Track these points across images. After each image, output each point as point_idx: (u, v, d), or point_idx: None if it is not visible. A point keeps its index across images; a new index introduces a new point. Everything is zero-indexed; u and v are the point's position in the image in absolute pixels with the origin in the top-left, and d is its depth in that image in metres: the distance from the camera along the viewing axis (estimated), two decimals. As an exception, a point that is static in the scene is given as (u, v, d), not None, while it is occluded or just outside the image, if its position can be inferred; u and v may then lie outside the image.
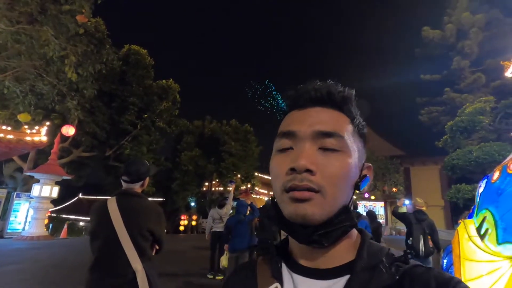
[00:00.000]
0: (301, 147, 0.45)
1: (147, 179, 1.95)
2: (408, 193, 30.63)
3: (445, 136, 7.67)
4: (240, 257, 4.97)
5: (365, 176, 0.49)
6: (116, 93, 15.72)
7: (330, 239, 0.44)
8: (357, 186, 0.47)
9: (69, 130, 9.82)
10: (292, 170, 0.43)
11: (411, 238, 4.65)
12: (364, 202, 31.63)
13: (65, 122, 11.45)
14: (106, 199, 1.76)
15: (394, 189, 27.25)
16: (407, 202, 5.56)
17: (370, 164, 0.52)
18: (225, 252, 5.16)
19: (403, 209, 5.15)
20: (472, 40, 17.77)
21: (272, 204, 0.50)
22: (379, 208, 31.60)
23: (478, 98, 15.90)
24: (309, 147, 0.45)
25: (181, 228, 23.55)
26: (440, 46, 18.96)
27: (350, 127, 0.48)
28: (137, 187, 1.87)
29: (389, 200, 31.30)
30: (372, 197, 28.37)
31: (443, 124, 19.26)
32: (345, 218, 0.44)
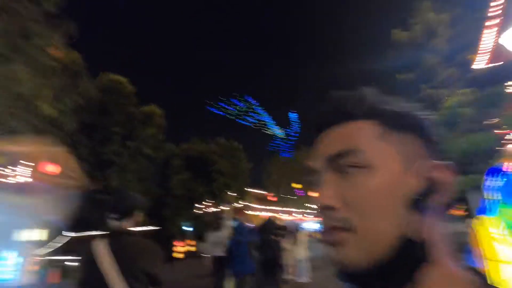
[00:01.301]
0: (319, 182, 0.36)
1: (139, 213, 1.77)
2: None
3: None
4: (243, 281, 4.73)
5: (432, 183, 0.33)
6: (98, 124, 15.36)
7: None
8: (417, 203, 0.32)
9: (52, 168, 9.40)
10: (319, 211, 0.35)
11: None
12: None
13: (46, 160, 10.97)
14: (92, 242, 1.57)
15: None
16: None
17: (447, 163, 0.35)
18: (228, 277, 4.91)
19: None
20: (440, 37, 18.66)
21: None
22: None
23: (453, 92, 16.52)
24: (326, 178, 0.35)
25: (180, 255, 22.68)
26: (411, 46, 19.79)
27: (375, 131, 0.35)
28: (127, 224, 1.69)
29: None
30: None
31: (425, 121, 19.81)
32: (406, 255, 0.31)
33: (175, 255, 22.43)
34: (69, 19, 8.42)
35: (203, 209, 24.47)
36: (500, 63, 13.26)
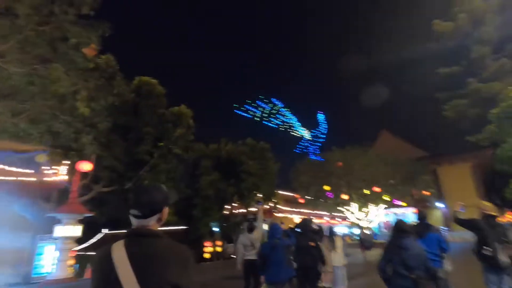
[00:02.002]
0: None
1: (166, 209, 1.43)
2: (440, 196, 28.74)
3: (490, 125, 6.82)
4: (280, 289, 4.30)
5: None
6: (131, 125, 15.79)
7: None
8: None
9: (84, 166, 9.67)
10: None
11: (487, 248, 3.85)
12: (395, 210, 29.87)
13: (83, 159, 11.37)
14: (111, 245, 1.25)
15: (425, 192, 25.55)
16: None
17: None
18: (262, 285, 4.51)
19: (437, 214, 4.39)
20: (489, 26, 16.92)
21: None
22: (410, 215, 29.71)
23: (507, 85, 14.83)
24: None
25: (207, 255, 22.75)
26: (455, 38, 18.18)
27: None
28: (152, 223, 1.36)
29: (421, 205, 29.40)
30: (403, 204, 26.74)
31: (471, 118, 18.10)
32: None
33: (206, 255, 22.55)
34: (104, 21, 8.57)
35: (231, 210, 24.38)
36: None
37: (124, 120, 15.10)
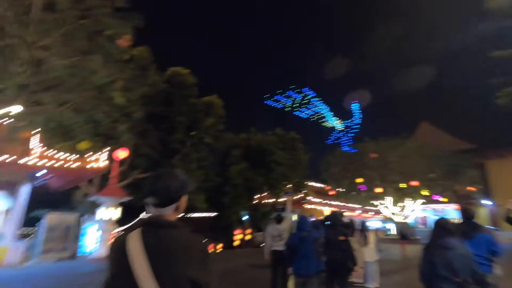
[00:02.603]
0: None
1: (185, 198, 1.35)
2: (487, 192, 26.33)
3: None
4: (307, 282, 4.18)
5: None
6: (164, 114, 16.33)
7: None
8: None
9: (120, 154, 10.21)
10: None
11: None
12: (434, 206, 28.04)
13: (120, 147, 12.01)
14: (126, 234, 1.20)
15: (470, 188, 23.56)
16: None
17: None
18: (290, 277, 4.42)
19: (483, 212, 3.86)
20: (557, 0, 14.70)
21: None
22: (451, 211, 27.69)
23: None
24: None
25: (237, 242, 23.29)
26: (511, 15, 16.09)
27: None
28: (169, 213, 1.28)
29: (465, 202, 27.22)
30: (444, 199, 24.96)
31: (529, 106, 16.08)
32: None
33: (235, 243, 23.13)
34: (138, 12, 8.77)
35: (261, 199, 24.55)
36: None
37: (157, 109, 15.65)
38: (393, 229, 27.71)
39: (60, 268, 10.00)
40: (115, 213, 12.28)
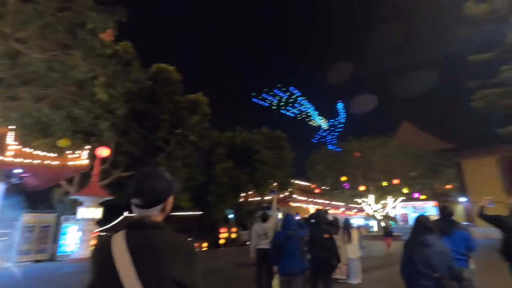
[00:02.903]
0: None
1: (171, 199, 1.33)
2: (463, 190, 27.54)
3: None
4: (292, 281, 4.22)
5: None
6: (148, 111, 16.00)
7: None
8: None
9: (102, 152, 9.91)
10: None
11: (514, 247, 3.58)
12: (413, 203, 29.06)
13: (102, 144, 11.68)
14: (111, 235, 1.17)
15: (447, 186, 24.54)
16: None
17: None
18: (275, 275, 4.44)
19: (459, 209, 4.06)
20: (529, 9, 15.55)
21: None
22: (430, 208, 28.80)
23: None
24: None
25: (222, 241, 23.23)
26: (489, 22, 16.86)
27: None
28: (155, 214, 1.26)
29: (442, 199, 28.36)
30: (423, 197, 25.92)
31: (502, 109, 16.95)
32: None
33: (220, 241, 23.07)
34: (122, 6, 8.52)
35: (246, 198, 24.58)
36: None
37: (141, 106, 15.32)
38: (375, 226, 28.48)
39: (38, 269, 9.63)
40: (96, 212, 11.91)
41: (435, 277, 2.79)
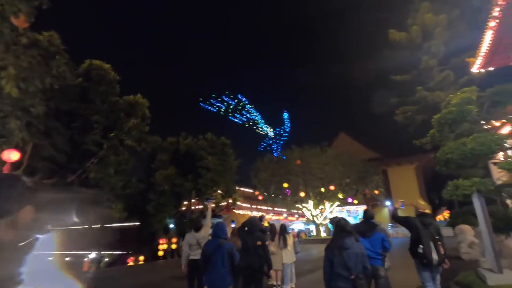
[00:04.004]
0: None
1: (26, 210, 1.06)
2: (388, 195, 30.97)
3: (432, 130, 7.29)
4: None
5: None
6: (77, 111, 14.29)
7: None
8: None
9: (11, 155, 8.44)
10: None
11: (421, 246, 3.98)
12: (347, 207, 31.51)
13: (13, 147, 9.98)
14: None
15: (376, 191, 27.19)
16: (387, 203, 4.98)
17: None
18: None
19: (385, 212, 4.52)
20: (438, 39, 18.40)
21: None
22: (362, 212, 31.53)
23: (449, 95, 16.25)
24: None
25: (160, 253, 21.82)
26: (407, 47, 19.47)
27: None
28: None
29: (371, 203, 31.41)
30: (355, 201, 28.24)
31: (418, 123, 19.60)
32: None
33: (159, 253, 21.61)
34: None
35: (189, 206, 23.66)
36: (497, 67, 13.00)
37: (69, 106, 13.60)
38: (315, 231, 29.93)
39: None
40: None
41: (352, 279, 2.91)
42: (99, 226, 21.41)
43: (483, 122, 6.89)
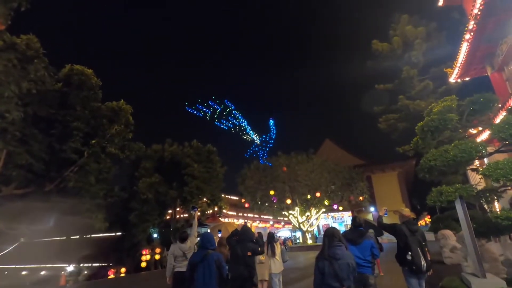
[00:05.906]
0: None
1: None
2: (373, 201, 31.51)
3: (415, 138, 7.46)
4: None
5: None
6: (56, 118, 13.74)
7: None
8: None
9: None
10: None
11: (410, 253, 3.98)
12: (333, 214, 31.75)
13: (-15, 154, 9.44)
14: None
15: (360, 198, 27.56)
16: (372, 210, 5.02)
17: None
18: (190, 301, 4.02)
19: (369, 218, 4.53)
20: (417, 50, 19.18)
21: None
22: (347, 218, 31.92)
23: (429, 103, 16.87)
24: None
25: (143, 264, 21.03)
26: (390, 57, 20.15)
27: None
28: None
29: (356, 209, 31.81)
30: (340, 208, 28.50)
31: (401, 131, 20.19)
32: None
33: (142, 264, 20.83)
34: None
35: (174, 215, 23.08)
36: (472, 77, 13.64)
37: (47, 111, 13.07)
38: (301, 238, 29.92)
39: None
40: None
41: (342, 290, 2.85)
42: (78, 237, 20.49)
43: (461, 131, 7.11)
